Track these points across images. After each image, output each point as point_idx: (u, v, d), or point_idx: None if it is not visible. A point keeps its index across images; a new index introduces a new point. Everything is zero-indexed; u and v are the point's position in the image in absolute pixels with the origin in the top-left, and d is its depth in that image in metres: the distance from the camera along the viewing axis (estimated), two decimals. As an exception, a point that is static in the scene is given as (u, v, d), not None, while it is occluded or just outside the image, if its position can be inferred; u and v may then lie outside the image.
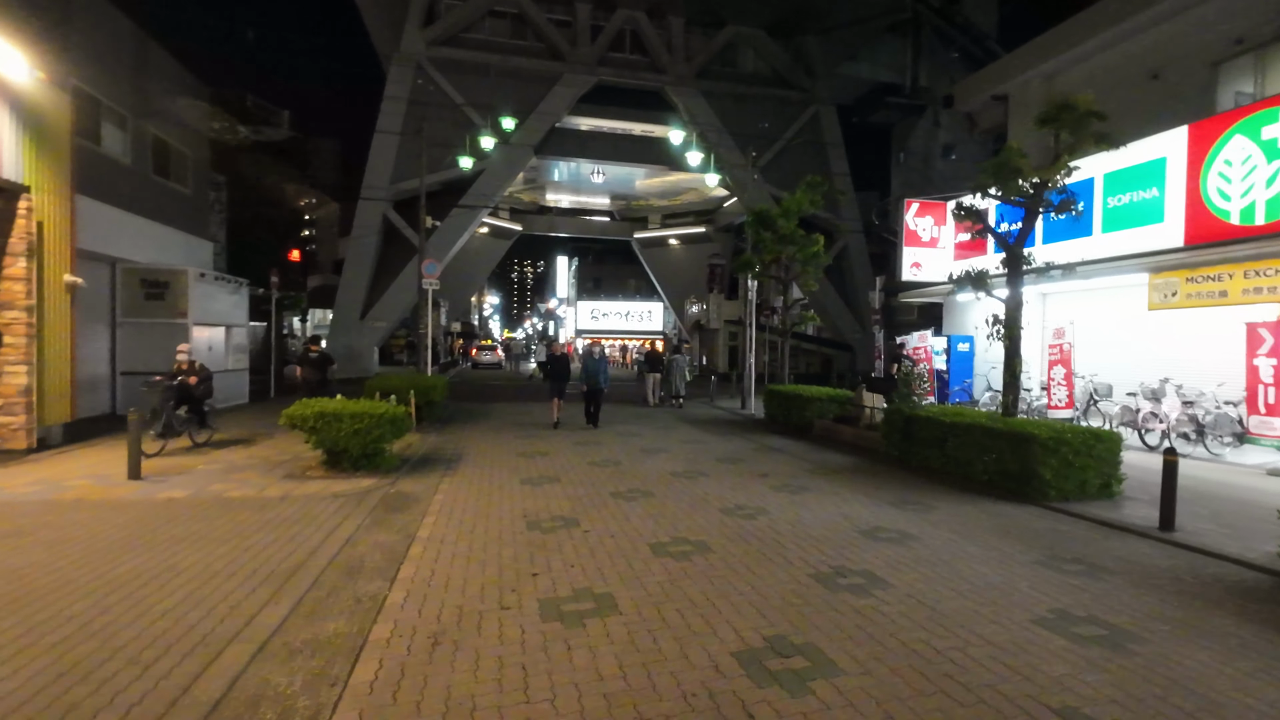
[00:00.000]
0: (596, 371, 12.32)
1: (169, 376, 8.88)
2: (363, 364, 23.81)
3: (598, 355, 12.63)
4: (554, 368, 12.87)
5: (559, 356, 13.30)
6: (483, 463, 8.60)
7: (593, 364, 12.39)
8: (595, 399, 12.37)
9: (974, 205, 8.89)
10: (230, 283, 14.36)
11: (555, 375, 12.80)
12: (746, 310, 16.60)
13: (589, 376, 12.38)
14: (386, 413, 7.69)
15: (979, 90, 17.12)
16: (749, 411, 15.46)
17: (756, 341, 27.21)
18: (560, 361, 13.04)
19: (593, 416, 12.38)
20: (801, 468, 8.56)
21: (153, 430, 8.33)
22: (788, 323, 14.17)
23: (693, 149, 17.59)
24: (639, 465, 8.51)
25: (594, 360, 12.45)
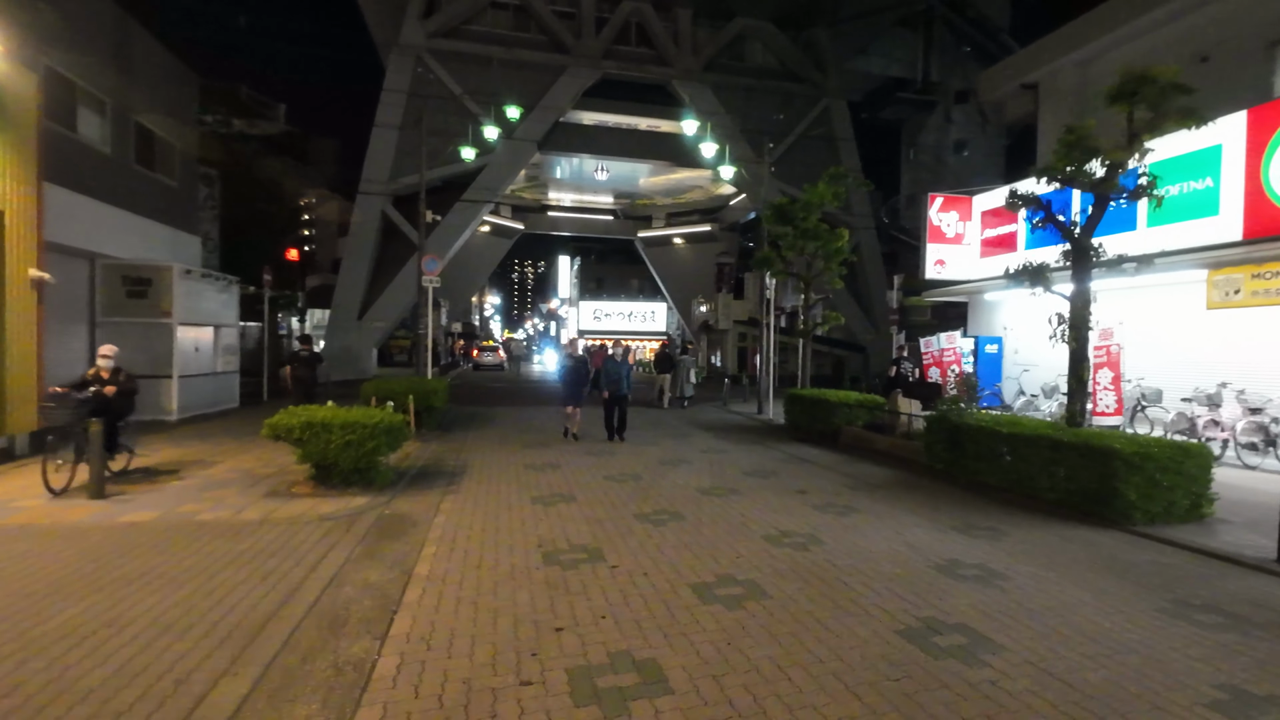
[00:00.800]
0: (618, 376, 10.87)
1: (78, 385, 6.91)
2: (361, 365, 23.03)
3: (619, 357, 11.31)
4: (571, 372, 11.14)
5: (579, 359, 11.71)
6: (488, 476, 7.80)
7: (614, 367, 10.98)
8: (618, 408, 10.92)
9: (1030, 192, 8.06)
10: (219, 280, 13.57)
11: (572, 380, 11.06)
12: (762, 310, 15.81)
13: (610, 382, 10.88)
14: (382, 422, 6.89)
15: (1006, 79, 16.33)
16: (766, 417, 14.66)
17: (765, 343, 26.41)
18: (579, 365, 11.37)
19: (616, 428, 10.91)
20: (839, 483, 7.76)
21: (58, 456, 6.47)
22: (808, 324, 13.37)
23: (707, 139, 16.79)
24: (660, 480, 7.71)
25: (615, 364, 11.09)
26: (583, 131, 28.77)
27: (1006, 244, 15.17)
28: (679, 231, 45.11)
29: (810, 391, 11.98)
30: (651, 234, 45.92)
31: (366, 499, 6.49)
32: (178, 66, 14.03)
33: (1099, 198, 7.17)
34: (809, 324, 13.41)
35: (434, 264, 13.22)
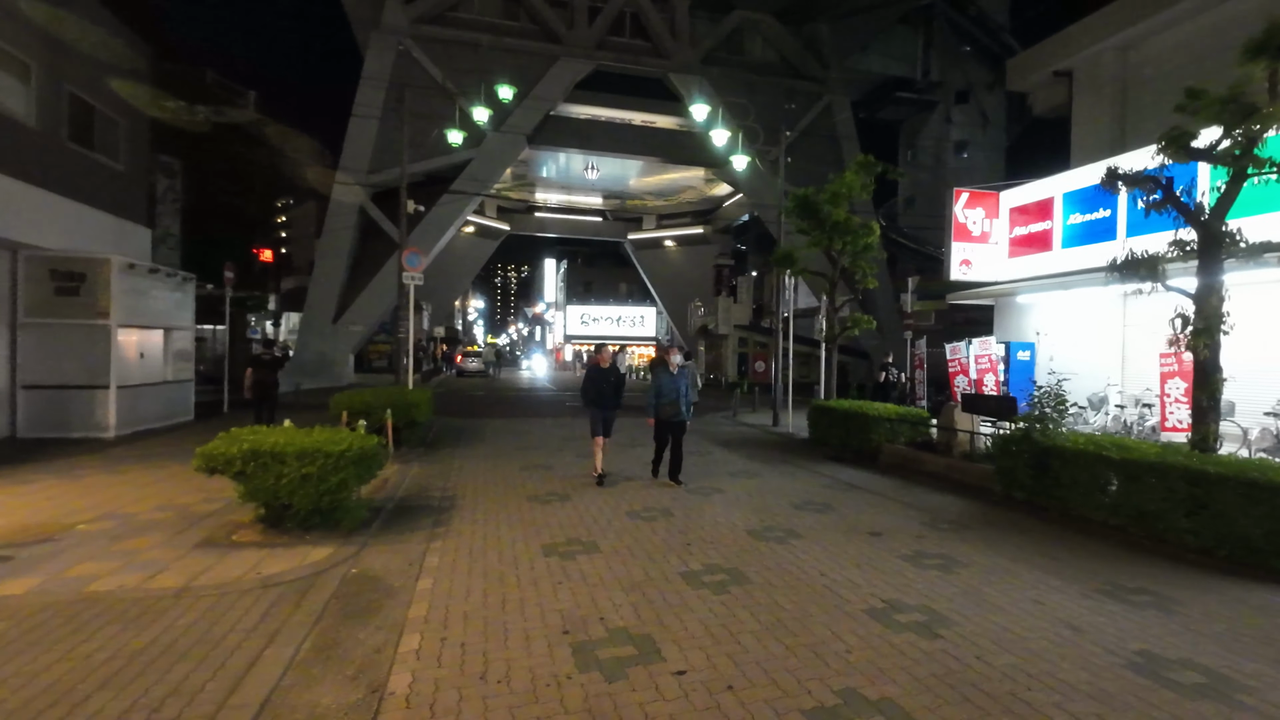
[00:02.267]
0: (675, 393, 7.80)
1: None
2: (336, 372, 21.36)
3: (677, 368, 7.91)
4: (595, 387, 8.02)
5: (604, 371, 8.10)
6: (483, 511, 6.34)
7: (669, 382, 7.82)
8: (673, 437, 7.85)
9: (1138, 170, 6.79)
10: (171, 277, 11.94)
11: (599, 399, 7.98)
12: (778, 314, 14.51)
13: (664, 401, 7.79)
14: (351, 448, 5.41)
15: (1038, 66, 15.24)
16: (784, 429, 13.33)
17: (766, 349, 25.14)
18: (603, 378, 8.04)
19: (671, 467, 7.89)
20: (913, 518, 6.41)
21: None
22: (834, 328, 12.08)
23: (718, 126, 15.49)
24: (697, 517, 6.31)
25: (671, 377, 7.84)
26: (575, 125, 27.39)
27: (1038, 243, 14.03)
28: (670, 234, 43.90)
29: (843, 403, 10.66)
30: (642, 236, 44.66)
31: (329, 549, 5.01)
32: (125, 33, 12.40)
33: (1237, 173, 5.92)
34: (834, 328, 12.12)
35: (416, 259, 11.73)
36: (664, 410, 7.84)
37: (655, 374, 8.06)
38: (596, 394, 8.00)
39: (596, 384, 8.03)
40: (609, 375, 8.10)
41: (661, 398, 7.85)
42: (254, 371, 10.22)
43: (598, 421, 8.00)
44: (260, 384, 10.23)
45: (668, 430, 7.90)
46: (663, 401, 7.83)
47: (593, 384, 8.05)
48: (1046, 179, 13.89)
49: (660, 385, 7.90)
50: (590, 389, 8.05)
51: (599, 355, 8.33)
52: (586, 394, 8.06)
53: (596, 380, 8.04)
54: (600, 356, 8.29)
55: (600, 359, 8.26)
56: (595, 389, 8.02)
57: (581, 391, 8.14)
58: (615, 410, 8.15)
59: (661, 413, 7.86)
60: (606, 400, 8.05)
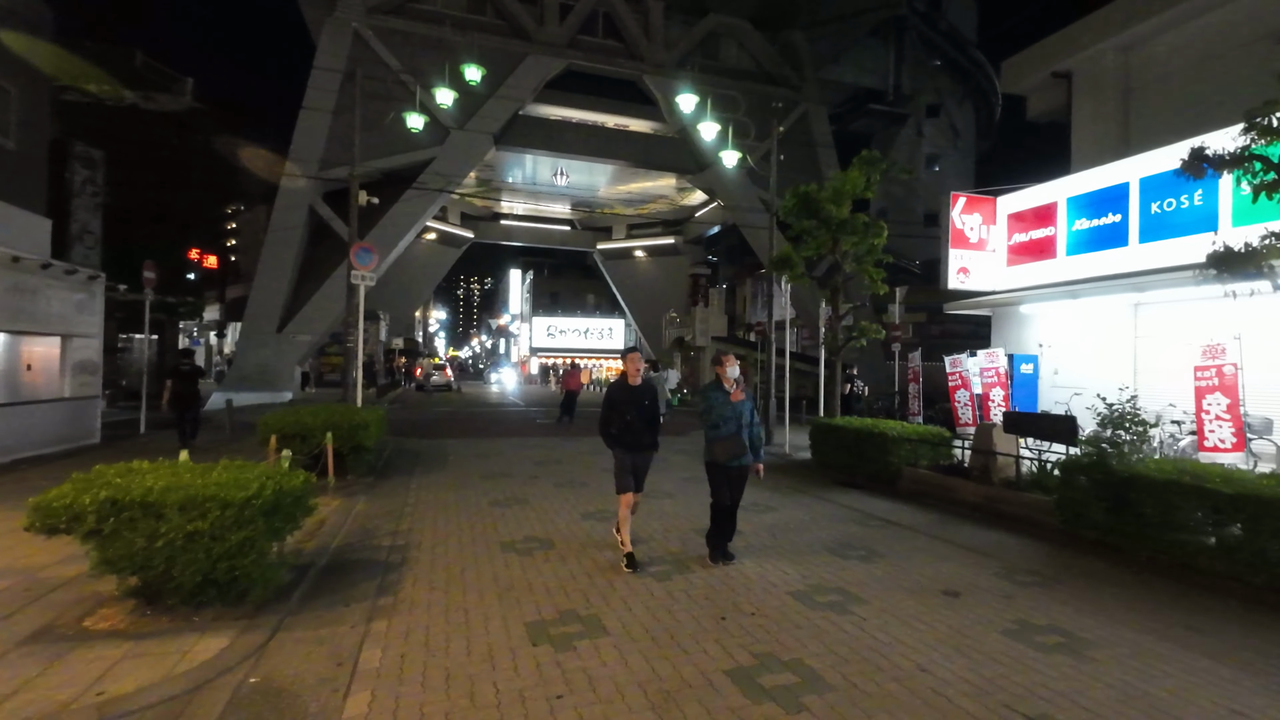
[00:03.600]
0: (738, 423, 5.07)
1: None
2: (279, 386, 19.37)
3: (733, 385, 5.09)
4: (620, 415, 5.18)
5: (634, 391, 5.26)
6: (445, 571, 4.89)
7: (727, 405, 5.04)
8: (731, 489, 5.14)
9: (1226, 150, 5.80)
10: (72, 274, 10.12)
11: (627, 435, 5.15)
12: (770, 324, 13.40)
13: (723, 435, 5.05)
14: (262, 493, 3.94)
15: (1035, 67, 14.63)
16: (780, 449, 12.15)
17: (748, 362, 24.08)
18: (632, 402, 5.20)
19: (719, 535, 5.27)
20: (979, 566, 5.22)
21: None
22: (839, 337, 10.99)
23: (706, 119, 14.39)
24: (723, 573, 4.98)
25: (726, 397, 5.05)
26: (544, 126, 26.08)
27: (1040, 250, 13.29)
28: (641, 244, 42.86)
29: (854, 422, 9.51)
30: (611, 246, 43.49)
31: (223, 639, 3.53)
32: None
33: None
34: (838, 338, 11.03)
35: (367, 255, 10.19)
36: (720, 448, 5.00)
37: (706, 395, 5.19)
38: (623, 427, 5.09)
39: (622, 410, 5.10)
40: (640, 397, 5.19)
41: (719, 429, 5.00)
42: (172, 383, 9.59)
43: (626, 470, 5.08)
44: (179, 396, 9.57)
45: (726, 481, 5.06)
46: (720, 435, 4.99)
47: (616, 410, 5.12)
48: (1048, 183, 13.17)
49: (714, 410, 5.03)
50: (614, 419, 5.12)
51: (628, 364, 5.29)
52: (608, 426, 5.16)
53: (622, 404, 5.13)
54: (629, 366, 5.29)
55: (629, 370, 5.28)
56: (620, 419, 5.09)
57: (602, 421, 5.22)
58: (653, 451, 5.28)
59: (716, 452, 5.01)
60: (639, 437, 5.11)
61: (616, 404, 5.19)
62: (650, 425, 5.22)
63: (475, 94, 22.53)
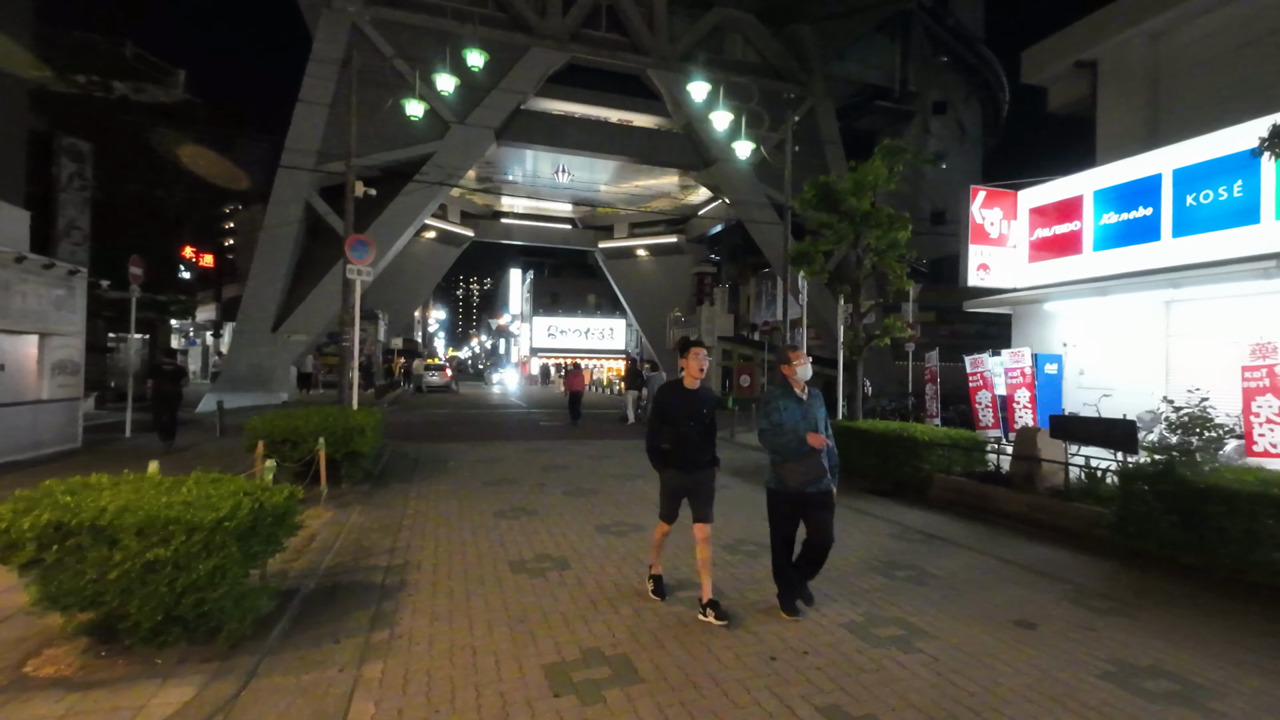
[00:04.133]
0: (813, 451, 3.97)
1: None
2: (273, 388, 18.80)
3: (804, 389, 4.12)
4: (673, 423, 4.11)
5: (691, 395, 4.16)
6: (448, 596, 4.34)
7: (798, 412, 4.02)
8: (810, 527, 4.08)
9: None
10: (50, 269, 9.54)
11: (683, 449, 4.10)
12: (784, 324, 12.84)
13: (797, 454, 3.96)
14: (236, 512, 3.38)
15: (1058, 56, 14.09)
16: (797, 453, 11.58)
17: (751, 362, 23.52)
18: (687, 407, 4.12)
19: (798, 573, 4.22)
20: (1044, 589, 4.67)
21: None
22: (860, 336, 10.46)
23: (720, 108, 13.85)
24: (760, 598, 4.43)
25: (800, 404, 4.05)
26: (547, 121, 25.52)
27: (1064, 246, 12.75)
28: (643, 243, 42.32)
29: (880, 425, 8.96)
30: (613, 245, 42.94)
31: (188, 689, 2.99)
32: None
33: None
34: (859, 336, 10.49)
35: (363, 248, 9.63)
36: (793, 472, 3.90)
37: (771, 401, 4.04)
38: (677, 442, 4.04)
39: (676, 421, 4.04)
40: (699, 405, 4.09)
41: (791, 448, 3.90)
42: (155, 382, 9.56)
43: (675, 496, 4.14)
44: (163, 396, 9.48)
45: (799, 511, 3.98)
46: (793, 455, 3.90)
47: (669, 421, 4.06)
48: (1072, 176, 12.64)
49: (786, 424, 3.92)
50: (666, 432, 4.05)
51: (687, 360, 4.14)
52: (657, 439, 4.10)
53: (676, 413, 4.06)
54: (691, 363, 4.13)
55: (689, 369, 4.14)
56: (673, 432, 4.04)
57: (650, 435, 4.16)
58: (714, 469, 4.17)
59: (788, 477, 3.92)
60: (696, 453, 4.06)
61: (669, 413, 4.06)
62: (708, 438, 4.15)
63: (476, 88, 21.98)
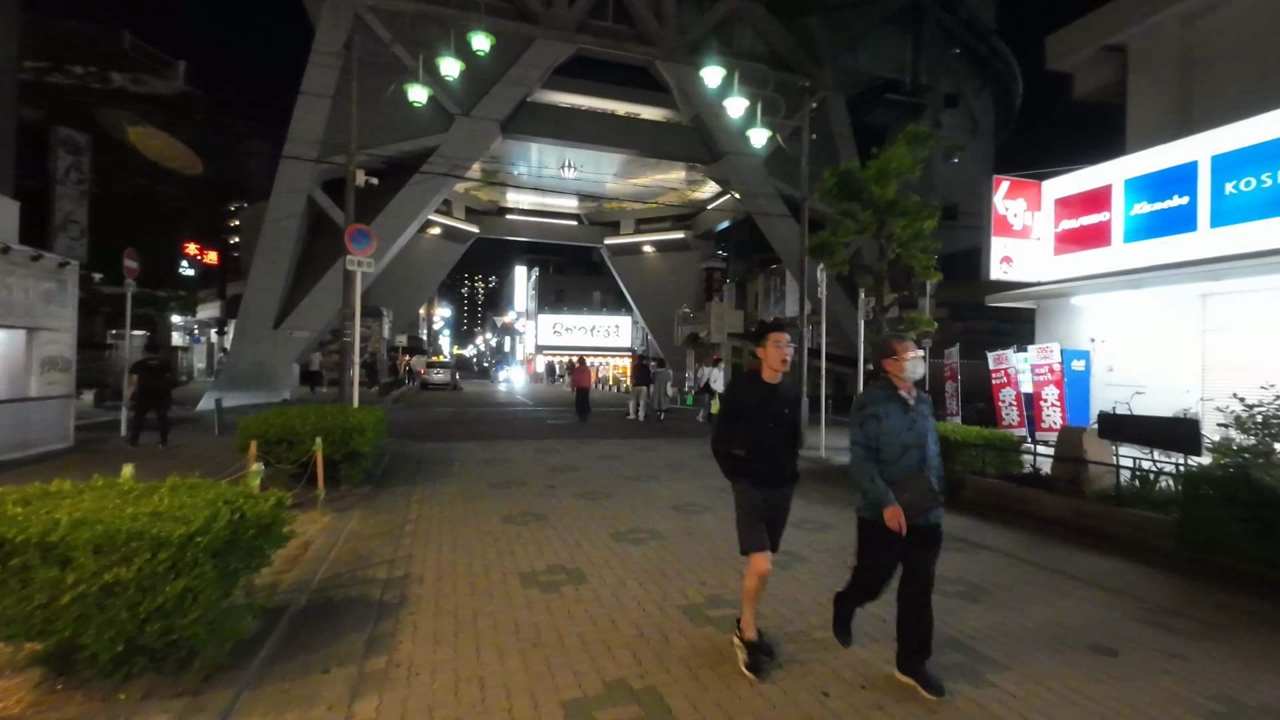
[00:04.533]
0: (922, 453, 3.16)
1: None
2: (275, 385, 18.44)
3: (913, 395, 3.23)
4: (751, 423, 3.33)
5: (771, 390, 3.37)
6: (453, 616, 3.90)
7: (902, 422, 3.14)
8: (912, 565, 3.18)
9: None
10: (37, 260, 9.16)
11: (762, 458, 3.30)
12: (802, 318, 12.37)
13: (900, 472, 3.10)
14: (212, 525, 2.96)
15: (1085, 41, 13.55)
16: (815, 453, 11.14)
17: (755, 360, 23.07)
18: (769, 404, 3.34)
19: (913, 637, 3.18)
20: (1117, 607, 4.21)
21: None
22: (882, 332, 9.98)
23: (734, 94, 13.38)
24: (793, 608, 3.99)
25: (904, 413, 3.15)
26: (553, 114, 25.07)
27: (1093, 237, 12.24)
28: (649, 239, 41.83)
29: (907, 424, 8.48)
30: (619, 241, 42.47)
31: (151, 733, 2.55)
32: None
33: None
34: (882, 331, 10.01)
35: (364, 238, 9.21)
36: (898, 497, 3.04)
37: (868, 406, 3.16)
38: (754, 447, 3.28)
39: (753, 421, 3.31)
40: (780, 403, 3.35)
41: (895, 463, 3.10)
42: (139, 379, 9.23)
43: (758, 514, 3.26)
44: (149, 392, 9.25)
45: (902, 546, 3.10)
46: (896, 474, 3.08)
47: (744, 420, 3.33)
48: (1101, 165, 12.13)
49: (888, 434, 3.11)
50: (739, 434, 3.31)
51: (766, 348, 3.34)
52: (728, 444, 3.35)
53: (752, 411, 3.32)
54: (769, 350, 3.33)
55: (768, 359, 3.35)
56: (750, 436, 3.29)
57: (718, 437, 3.39)
58: (795, 484, 3.45)
59: (891, 500, 3.03)
60: (778, 462, 3.33)
61: (744, 411, 3.32)
62: (791, 446, 3.39)
63: (481, 80, 21.56)
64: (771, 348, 3.36)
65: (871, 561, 3.27)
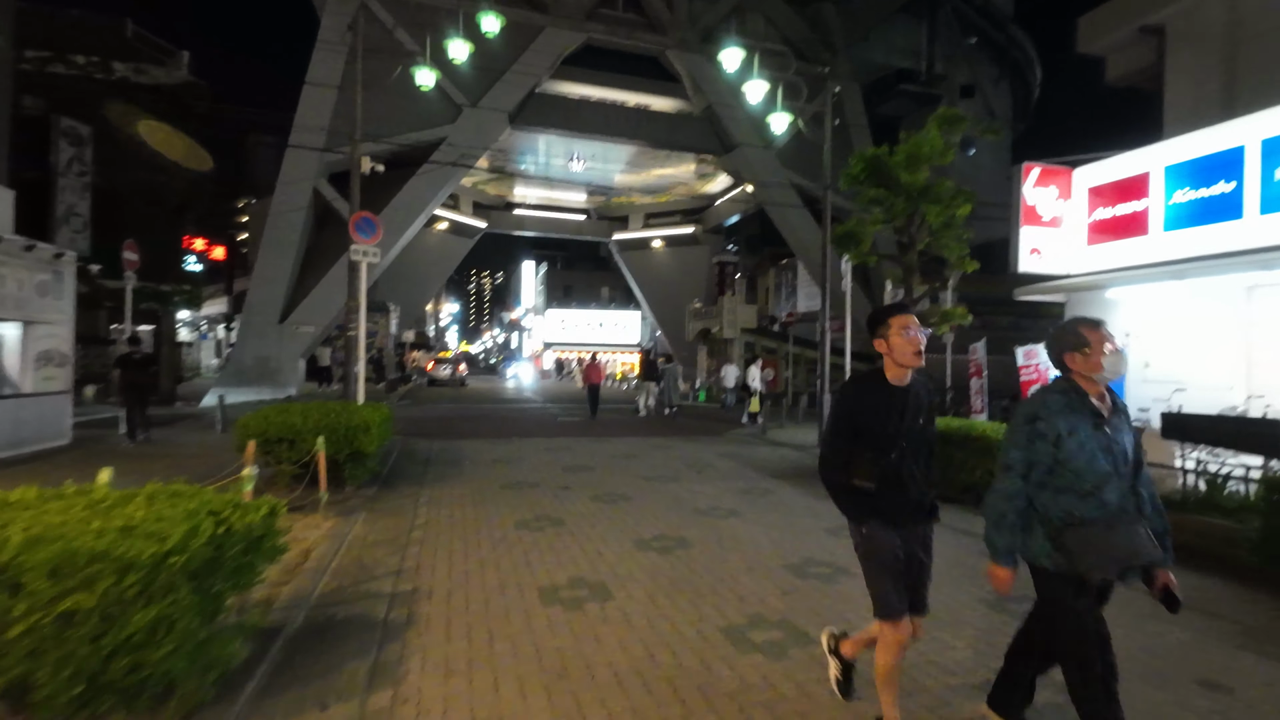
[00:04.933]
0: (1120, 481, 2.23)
1: None
2: (280, 381, 18.13)
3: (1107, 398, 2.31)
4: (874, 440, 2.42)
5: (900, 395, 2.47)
6: (464, 632, 3.49)
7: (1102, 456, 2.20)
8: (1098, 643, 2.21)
9: None
10: (30, 251, 8.80)
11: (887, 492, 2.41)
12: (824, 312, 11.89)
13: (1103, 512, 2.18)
14: (185, 545, 2.54)
15: (1120, 21, 12.97)
16: (838, 452, 10.67)
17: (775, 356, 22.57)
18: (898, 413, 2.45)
19: None
20: (1208, 629, 3.76)
21: None
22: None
23: (753, 77, 12.90)
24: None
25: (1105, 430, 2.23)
26: (562, 105, 24.62)
27: (1129, 227, 11.69)
28: (658, 233, 41.34)
29: (940, 423, 7.99)
30: (628, 236, 42.01)
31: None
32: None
33: None
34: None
35: (369, 227, 8.81)
36: (1095, 547, 2.15)
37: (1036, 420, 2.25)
38: (881, 474, 2.41)
39: (879, 436, 2.43)
40: (913, 411, 2.48)
41: (1091, 498, 2.19)
42: (123, 373, 9.04)
43: (894, 565, 2.44)
44: (133, 387, 9.09)
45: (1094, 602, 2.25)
46: (1097, 514, 2.18)
47: (865, 435, 2.43)
48: (1138, 150, 11.56)
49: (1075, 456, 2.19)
50: (862, 458, 2.42)
51: (889, 337, 2.44)
52: (841, 468, 2.46)
53: (874, 424, 2.44)
54: (894, 340, 2.42)
55: (895, 351, 2.43)
56: (880, 453, 2.41)
57: (827, 459, 2.51)
58: (935, 521, 2.57)
59: (1085, 553, 2.15)
60: (913, 494, 2.47)
61: (863, 423, 2.44)
62: (928, 466, 2.52)
63: (489, 70, 21.13)
64: (897, 337, 2.40)
65: (1069, 621, 2.23)
